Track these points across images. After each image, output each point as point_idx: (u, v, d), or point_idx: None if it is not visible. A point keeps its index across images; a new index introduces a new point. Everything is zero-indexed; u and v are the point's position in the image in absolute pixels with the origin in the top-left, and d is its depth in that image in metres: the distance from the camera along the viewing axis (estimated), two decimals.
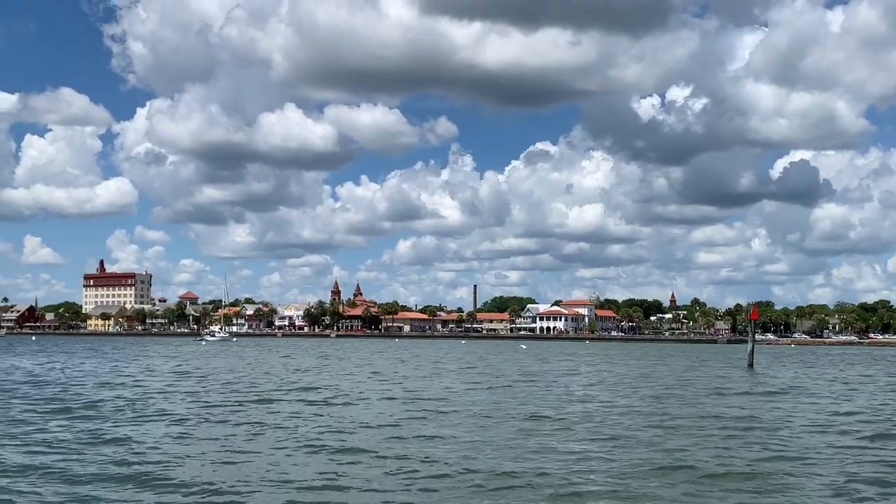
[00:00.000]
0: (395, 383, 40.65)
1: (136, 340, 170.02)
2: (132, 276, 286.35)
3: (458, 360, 71.81)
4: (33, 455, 17.65)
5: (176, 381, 41.02)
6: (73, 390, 34.43)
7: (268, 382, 40.11)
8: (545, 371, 54.38)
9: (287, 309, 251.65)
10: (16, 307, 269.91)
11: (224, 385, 38.14)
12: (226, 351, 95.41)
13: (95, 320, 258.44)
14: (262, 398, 30.98)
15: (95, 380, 41.26)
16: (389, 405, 28.89)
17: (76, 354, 79.25)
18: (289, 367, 56.92)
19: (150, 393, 33.12)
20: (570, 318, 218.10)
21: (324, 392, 34.26)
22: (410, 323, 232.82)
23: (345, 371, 52.06)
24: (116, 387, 36.57)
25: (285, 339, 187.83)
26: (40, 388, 35.46)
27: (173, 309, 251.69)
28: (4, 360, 65.89)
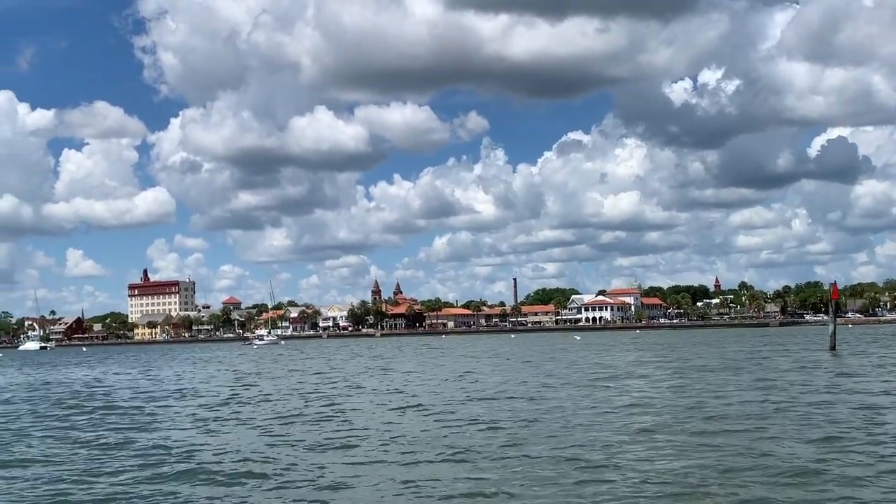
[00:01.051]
0: (547, 385, 38.18)
1: (187, 347, 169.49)
2: (176, 283, 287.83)
3: (540, 354, 69.10)
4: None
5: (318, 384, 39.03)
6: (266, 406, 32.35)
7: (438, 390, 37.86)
8: (651, 361, 51.61)
9: (330, 310, 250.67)
10: (63, 319, 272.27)
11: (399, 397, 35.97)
12: (290, 354, 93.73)
13: (142, 329, 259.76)
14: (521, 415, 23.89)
15: (257, 389, 39.35)
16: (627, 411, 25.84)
17: (153, 363, 77.78)
18: (399, 369, 54.43)
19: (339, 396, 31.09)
20: (615, 307, 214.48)
21: (545, 402, 27.33)
22: (454, 319, 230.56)
23: (467, 372, 49.71)
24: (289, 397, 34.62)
25: (332, 341, 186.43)
26: (192, 397, 33.57)
27: (218, 315, 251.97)
28: (88, 372, 64.55)
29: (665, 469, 15.12)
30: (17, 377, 59.23)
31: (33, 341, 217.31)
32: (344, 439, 19.90)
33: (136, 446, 20.03)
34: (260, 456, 17.89)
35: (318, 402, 29.80)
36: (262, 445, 19.42)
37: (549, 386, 33.59)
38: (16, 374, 64.09)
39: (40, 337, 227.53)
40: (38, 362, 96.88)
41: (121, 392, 38.80)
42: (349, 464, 16.71)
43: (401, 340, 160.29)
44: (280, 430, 22.05)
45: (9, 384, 49.72)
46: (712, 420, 21.36)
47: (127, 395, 36.42)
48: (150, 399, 34.19)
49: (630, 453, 16.85)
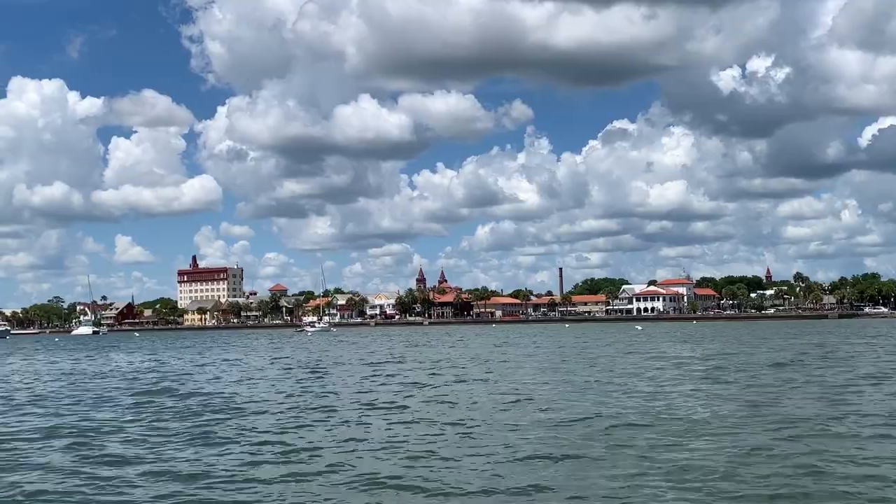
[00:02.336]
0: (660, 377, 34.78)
1: (238, 333, 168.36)
2: (224, 270, 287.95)
3: (623, 343, 65.53)
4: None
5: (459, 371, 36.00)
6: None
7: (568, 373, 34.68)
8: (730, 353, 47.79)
9: (377, 298, 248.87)
10: (114, 305, 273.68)
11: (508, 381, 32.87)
12: (358, 341, 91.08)
13: (192, 314, 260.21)
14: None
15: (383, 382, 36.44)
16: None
17: (212, 349, 75.51)
18: (479, 357, 51.05)
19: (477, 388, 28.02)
20: (668, 297, 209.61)
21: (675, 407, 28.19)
22: (502, 308, 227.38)
23: (548, 361, 46.38)
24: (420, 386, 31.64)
25: (381, 328, 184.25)
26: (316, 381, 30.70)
27: (267, 301, 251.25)
28: (155, 358, 62.27)
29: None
30: (108, 363, 56.89)
31: (86, 326, 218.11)
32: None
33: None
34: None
35: (509, 396, 26.64)
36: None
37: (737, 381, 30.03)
38: (103, 360, 61.89)
39: (93, 322, 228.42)
40: (99, 346, 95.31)
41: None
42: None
43: (450, 329, 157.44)
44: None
45: (115, 370, 47.23)
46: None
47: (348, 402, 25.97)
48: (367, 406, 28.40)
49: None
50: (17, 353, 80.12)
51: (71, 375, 41.54)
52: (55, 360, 62.80)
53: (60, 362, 57.82)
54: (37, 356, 71.83)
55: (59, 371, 46.29)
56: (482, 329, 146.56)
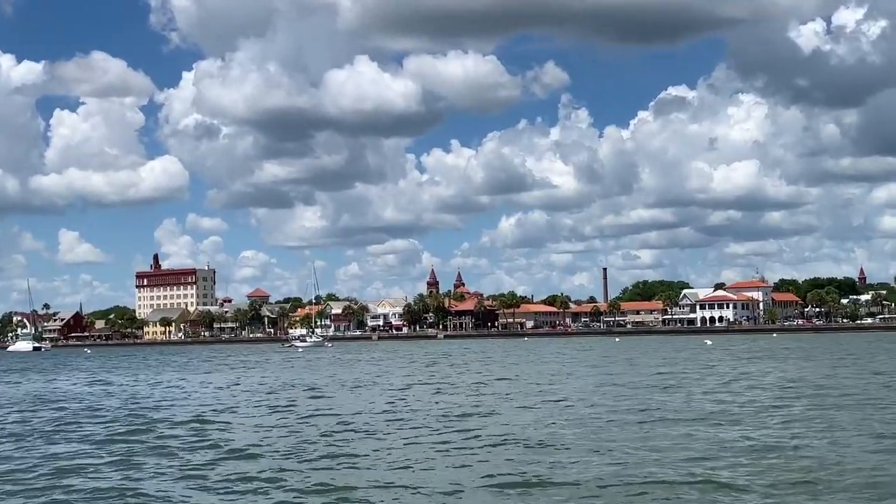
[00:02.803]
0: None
1: (210, 349, 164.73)
2: (192, 272, 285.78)
3: (707, 369, 61.39)
4: None
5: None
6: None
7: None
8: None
9: (380, 305, 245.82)
10: (59, 315, 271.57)
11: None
12: (359, 359, 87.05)
13: (154, 326, 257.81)
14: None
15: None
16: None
17: (226, 369, 71.65)
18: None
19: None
20: (739, 304, 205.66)
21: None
22: (534, 318, 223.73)
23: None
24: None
25: (385, 343, 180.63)
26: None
27: (245, 310, 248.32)
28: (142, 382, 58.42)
29: None
30: (58, 387, 53.10)
31: (25, 340, 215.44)
32: None
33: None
34: None
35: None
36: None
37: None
38: (51, 383, 58.10)
39: (33, 336, 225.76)
40: (44, 366, 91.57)
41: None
42: None
43: (472, 344, 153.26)
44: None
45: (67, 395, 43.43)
46: None
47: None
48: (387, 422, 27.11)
49: None
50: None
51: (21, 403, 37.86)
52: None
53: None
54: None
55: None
56: (514, 344, 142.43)
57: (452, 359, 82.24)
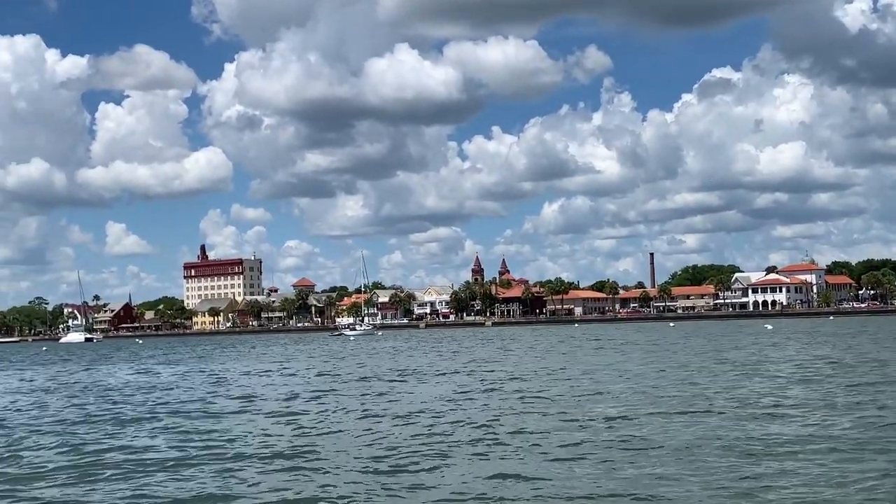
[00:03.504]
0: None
1: (260, 338, 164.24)
2: (239, 262, 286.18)
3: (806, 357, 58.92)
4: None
5: None
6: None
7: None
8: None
9: (426, 293, 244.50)
10: (109, 306, 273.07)
11: None
12: (415, 347, 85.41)
13: (202, 317, 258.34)
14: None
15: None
16: None
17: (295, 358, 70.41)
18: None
19: None
20: (793, 287, 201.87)
21: None
22: (582, 304, 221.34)
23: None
24: None
25: (433, 331, 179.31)
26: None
27: (292, 299, 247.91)
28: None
29: None
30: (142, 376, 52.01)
31: (77, 332, 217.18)
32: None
33: None
34: None
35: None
36: None
37: None
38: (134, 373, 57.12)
39: (84, 327, 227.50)
40: (104, 356, 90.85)
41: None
42: None
43: (523, 331, 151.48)
44: None
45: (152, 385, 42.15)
46: None
47: None
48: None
49: None
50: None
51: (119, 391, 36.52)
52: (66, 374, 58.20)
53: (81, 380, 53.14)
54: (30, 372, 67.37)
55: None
56: (567, 331, 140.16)
57: (543, 346, 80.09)
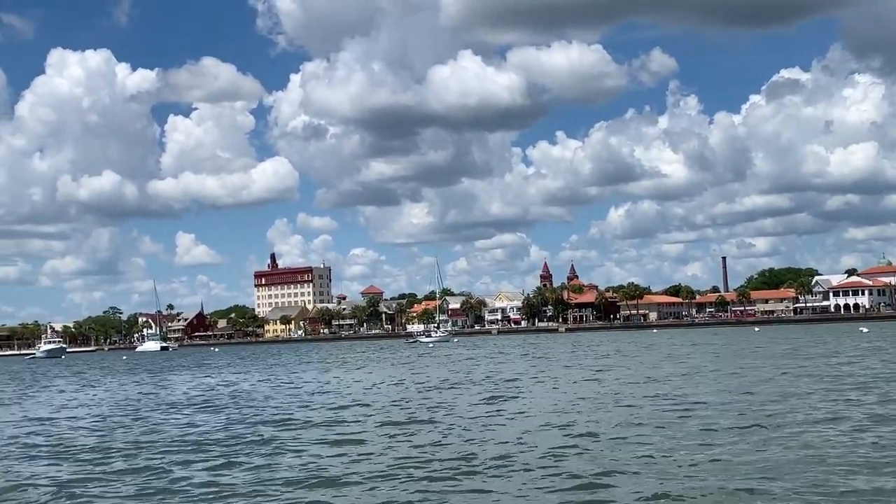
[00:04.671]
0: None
1: (336, 345, 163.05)
2: (308, 270, 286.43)
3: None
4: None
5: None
6: None
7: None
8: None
9: (497, 300, 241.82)
10: (182, 315, 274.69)
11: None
12: (506, 353, 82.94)
13: (274, 325, 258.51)
14: None
15: None
16: None
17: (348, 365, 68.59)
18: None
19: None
20: (875, 290, 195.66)
21: None
22: (657, 309, 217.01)
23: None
24: None
25: (507, 337, 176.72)
26: None
27: (363, 307, 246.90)
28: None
29: None
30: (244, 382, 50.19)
31: (153, 341, 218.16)
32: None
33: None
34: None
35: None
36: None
37: None
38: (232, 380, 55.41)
39: (159, 336, 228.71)
40: (185, 365, 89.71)
41: None
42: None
43: (600, 336, 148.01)
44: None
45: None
46: None
47: None
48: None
49: None
50: (112, 377, 74.76)
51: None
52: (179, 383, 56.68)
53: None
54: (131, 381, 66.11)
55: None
56: (647, 337, 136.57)
57: (636, 351, 77.27)
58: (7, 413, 38.64)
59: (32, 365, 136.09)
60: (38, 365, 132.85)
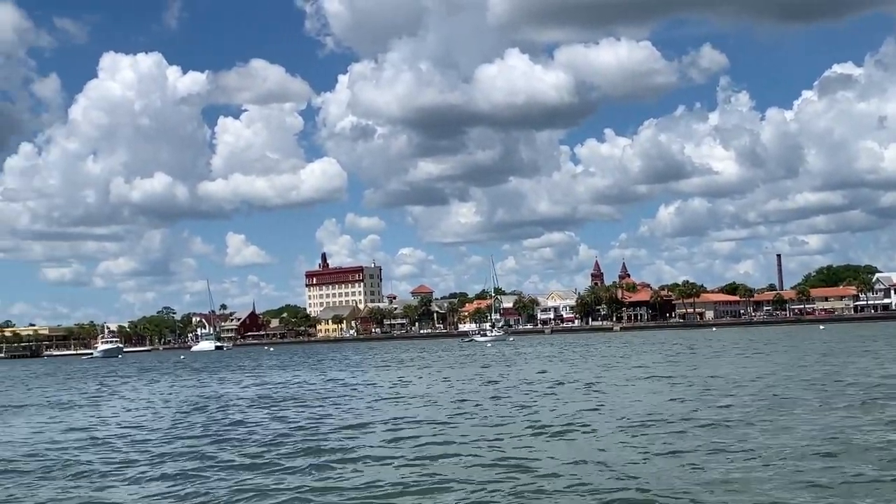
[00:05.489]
0: None
1: (391, 345, 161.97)
2: (359, 270, 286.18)
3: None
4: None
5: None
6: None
7: None
8: None
9: (549, 298, 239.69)
10: (235, 315, 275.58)
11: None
12: (569, 351, 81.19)
13: (326, 324, 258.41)
14: None
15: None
16: None
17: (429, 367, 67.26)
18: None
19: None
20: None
21: None
22: (714, 307, 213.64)
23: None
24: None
25: (561, 336, 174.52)
26: None
27: (415, 306, 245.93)
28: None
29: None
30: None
31: (208, 340, 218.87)
32: None
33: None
34: None
35: None
36: None
37: None
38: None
39: (214, 335, 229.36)
40: (246, 366, 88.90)
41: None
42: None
43: (654, 335, 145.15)
44: None
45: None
46: None
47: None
48: None
49: None
50: (192, 376, 74.02)
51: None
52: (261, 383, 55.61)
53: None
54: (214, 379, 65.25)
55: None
56: (708, 335, 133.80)
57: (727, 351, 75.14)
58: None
59: (94, 364, 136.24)
60: (102, 364, 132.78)
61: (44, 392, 56.53)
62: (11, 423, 33.85)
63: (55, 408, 40.97)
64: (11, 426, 32.20)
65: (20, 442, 26.39)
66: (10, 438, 27.53)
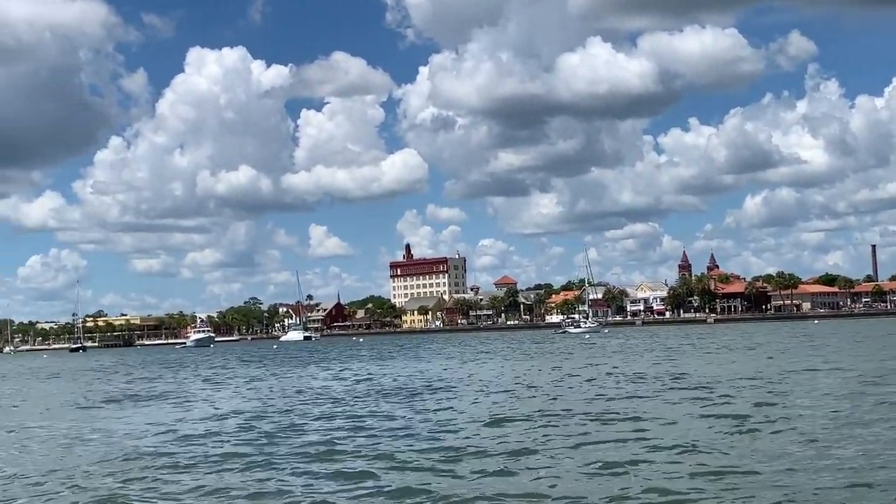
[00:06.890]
0: None
1: (481, 337, 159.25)
2: (444, 261, 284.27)
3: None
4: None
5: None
6: None
7: None
8: None
9: (639, 290, 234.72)
10: (321, 305, 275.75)
11: None
12: (687, 345, 77.22)
13: (412, 315, 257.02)
14: None
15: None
16: None
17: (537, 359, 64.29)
18: None
19: None
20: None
21: None
22: (811, 299, 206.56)
23: None
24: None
25: (653, 328, 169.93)
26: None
27: (501, 297, 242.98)
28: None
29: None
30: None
31: (296, 331, 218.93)
32: None
33: None
34: None
35: None
36: None
37: None
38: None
39: (301, 326, 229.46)
40: (346, 356, 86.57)
41: None
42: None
43: (750, 328, 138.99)
44: None
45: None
46: None
47: None
48: None
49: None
50: (295, 368, 71.97)
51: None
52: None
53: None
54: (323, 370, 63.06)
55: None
56: (812, 329, 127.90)
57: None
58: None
59: (191, 353, 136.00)
60: (200, 353, 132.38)
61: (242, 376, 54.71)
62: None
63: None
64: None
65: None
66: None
